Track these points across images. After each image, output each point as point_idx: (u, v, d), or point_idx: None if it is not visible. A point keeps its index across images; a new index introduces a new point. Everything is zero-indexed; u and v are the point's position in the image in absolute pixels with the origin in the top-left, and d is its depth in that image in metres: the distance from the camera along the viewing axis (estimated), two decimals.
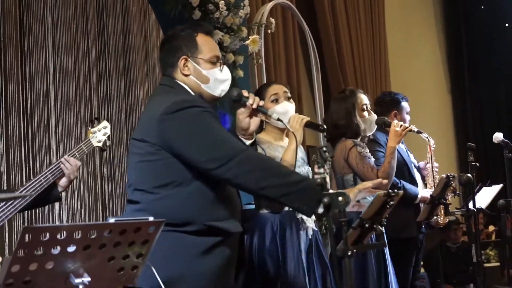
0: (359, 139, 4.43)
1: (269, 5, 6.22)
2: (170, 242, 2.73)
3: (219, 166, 2.71)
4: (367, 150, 4.40)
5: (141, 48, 6.06)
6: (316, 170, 3.37)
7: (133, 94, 5.94)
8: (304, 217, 3.75)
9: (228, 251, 2.89)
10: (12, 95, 5.15)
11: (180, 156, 2.78)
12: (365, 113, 4.47)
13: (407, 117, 5.24)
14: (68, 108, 5.46)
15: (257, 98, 3.08)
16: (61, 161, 3.53)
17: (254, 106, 3.03)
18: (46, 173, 3.50)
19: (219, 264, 2.85)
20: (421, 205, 4.89)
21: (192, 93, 2.94)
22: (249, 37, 5.26)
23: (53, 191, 3.56)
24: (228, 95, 3.06)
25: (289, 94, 3.81)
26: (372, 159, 4.36)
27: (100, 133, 3.78)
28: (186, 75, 2.93)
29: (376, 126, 4.54)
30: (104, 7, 5.82)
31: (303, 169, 3.78)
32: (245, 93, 3.07)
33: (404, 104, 5.26)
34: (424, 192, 4.94)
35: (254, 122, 3.08)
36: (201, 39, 2.97)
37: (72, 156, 3.59)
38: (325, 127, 3.81)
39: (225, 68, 3.01)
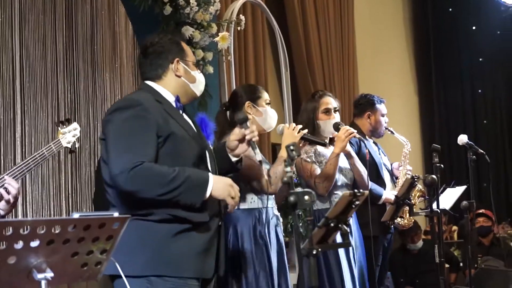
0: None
1: (239, 2, 6.20)
2: (138, 230, 2.86)
3: (117, 174, 2.83)
4: (314, 154, 4.41)
5: (109, 41, 6.03)
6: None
7: (100, 88, 5.91)
8: (276, 213, 3.86)
9: (201, 239, 2.96)
10: None
11: None
12: (325, 116, 4.50)
13: (383, 119, 5.33)
14: (35, 103, 5.41)
15: (255, 132, 3.19)
16: (2, 184, 3.33)
17: (248, 137, 3.17)
18: None
19: (189, 249, 2.92)
20: (387, 205, 4.94)
21: (169, 94, 3.10)
22: (219, 33, 5.25)
23: None
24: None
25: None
26: (317, 164, 4.39)
27: (70, 134, 3.77)
28: (179, 76, 3.12)
29: (331, 129, 4.55)
30: None
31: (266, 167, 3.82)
32: (249, 121, 3.28)
33: (379, 106, 5.34)
34: (389, 193, 4.99)
35: (242, 147, 3.23)
36: (184, 45, 3.21)
37: (47, 150, 3.57)
38: (326, 142, 3.93)
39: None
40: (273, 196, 3.86)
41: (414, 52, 10.64)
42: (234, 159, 3.26)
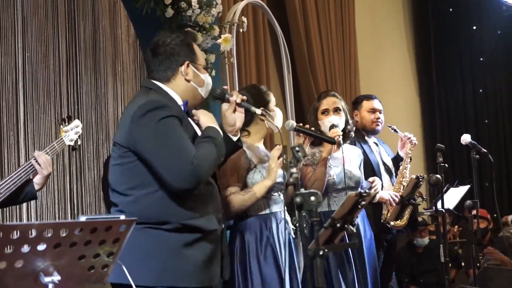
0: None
1: (241, 4, 6.20)
2: (151, 239, 2.86)
3: (190, 169, 2.81)
4: (313, 157, 4.37)
5: (111, 44, 6.03)
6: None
7: (102, 91, 5.91)
8: (287, 218, 3.83)
9: (209, 247, 2.96)
10: None
11: (146, 161, 2.88)
12: (324, 116, 4.46)
13: (369, 115, 5.29)
14: (38, 105, 5.42)
15: (240, 94, 3.24)
16: (33, 158, 3.52)
17: (238, 101, 3.21)
18: (19, 171, 3.48)
19: (200, 259, 2.93)
20: (384, 205, 4.93)
21: (178, 97, 3.05)
22: (221, 35, 5.24)
23: (28, 189, 3.54)
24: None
25: None
26: (314, 167, 4.32)
27: (72, 132, 3.77)
28: (188, 80, 3.07)
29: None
30: (74, 2, 5.78)
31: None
32: (226, 89, 3.25)
33: (366, 101, 5.34)
34: (384, 193, 4.94)
35: (239, 117, 3.24)
36: (195, 47, 3.15)
37: (51, 149, 3.61)
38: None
39: None
40: (282, 199, 3.83)
41: (415, 52, 10.63)
42: (235, 138, 3.26)
